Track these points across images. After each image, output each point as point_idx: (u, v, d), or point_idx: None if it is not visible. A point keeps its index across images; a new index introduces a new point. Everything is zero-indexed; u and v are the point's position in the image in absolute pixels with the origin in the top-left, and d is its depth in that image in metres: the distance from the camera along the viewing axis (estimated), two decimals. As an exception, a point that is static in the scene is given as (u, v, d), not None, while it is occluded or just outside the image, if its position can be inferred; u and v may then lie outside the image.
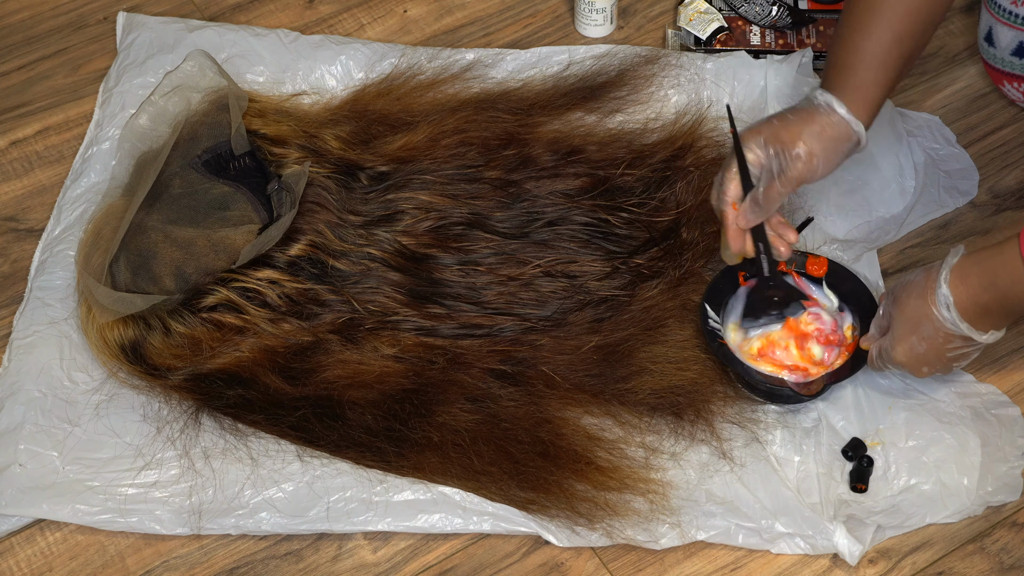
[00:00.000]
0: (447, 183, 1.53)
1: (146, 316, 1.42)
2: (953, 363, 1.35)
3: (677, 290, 1.47)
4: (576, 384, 1.41)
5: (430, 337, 1.45)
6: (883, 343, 1.36)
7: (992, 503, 1.36)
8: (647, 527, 1.33)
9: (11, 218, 1.61)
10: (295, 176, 1.48)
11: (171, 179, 1.47)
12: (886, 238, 1.55)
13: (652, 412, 1.40)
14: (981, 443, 1.38)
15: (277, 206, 1.47)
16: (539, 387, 1.41)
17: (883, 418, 1.41)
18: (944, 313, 1.30)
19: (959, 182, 1.60)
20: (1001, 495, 1.36)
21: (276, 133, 1.53)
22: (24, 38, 1.78)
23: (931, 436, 1.39)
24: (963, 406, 1.41)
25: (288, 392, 1.41)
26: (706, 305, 1.42)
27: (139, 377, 1.43)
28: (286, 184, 1.48)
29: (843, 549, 1.32)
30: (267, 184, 1.48)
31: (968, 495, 1.35)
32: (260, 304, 1.43)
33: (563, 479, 1.35)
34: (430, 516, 1.35)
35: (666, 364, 1.42)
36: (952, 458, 1.37)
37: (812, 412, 1.41)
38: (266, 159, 1.51)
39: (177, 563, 1.35)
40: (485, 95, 1.63)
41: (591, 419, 1.41)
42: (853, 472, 1.37)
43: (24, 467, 1.38)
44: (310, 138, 1.54)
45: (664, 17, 1.77)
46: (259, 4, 1.80)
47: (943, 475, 1.36)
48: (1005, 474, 1.36)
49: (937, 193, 1.58)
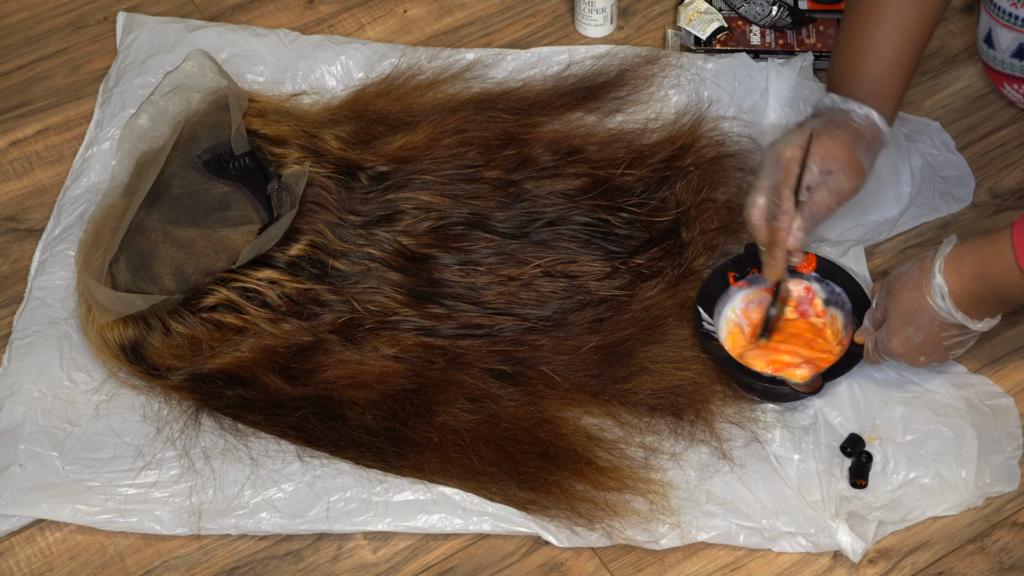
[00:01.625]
0: (447, 183, 1.53)
1: (146, 316, 1.42)
2: (949, 351, 1.35)
3: (676, 289, 1.47)
4: (576, 384, 1.41)
5: (430, 337, 1.45)
6: (879, 335, 1.37)
7: (991, 494, 1.36)
8: (647, 528, 1.33)
9: (11, 218, 1.61)
10: (295, 176, 1.48)
11: (171, 179, 1.47)
12: (876, 238, 1.55)
13: (652, 412, 1.40)
14: (977, 435, 1.38)
15: (277, 206, 1.47)
16: (539, 387, 1.41)
17: (880, 413, 1.41)
18: (939, 303, 1.31)
19: (955, 188, 1.60)
20: (999, 486, 1.36)
21: (276, 133, 1.53)
22: (24, 38, 1.78)
23: (928, 429, 1.40)
24: (958, 398, 1.41)
25: (288, 392, 1.41)
26: (699, 308, 1.43)
27: (139, 377, 1.43)
28: (286, 184, 1.48)
29: (846, 546, 1.32)
30: (267, 184, 1.48)
31: (967, 487, 1.36)
32: (260, 304, 1.43)
33: (563, 479, 1.35)
34: (430, 516, 1.35)
35: (666, 364, 1.42)
36: (949, 451, 1.38)
37: (809, 410, 1.41)
38: (266, 159, 1.51)
39: (177, 563, 1.35)
40: (485, 95, 1.63)
41: (591, 419, 1.41)
42: (852, 468, 1.37)
43: (24, 467, 1.38)
44: (310, 138, 1.54)
45: (664, 17, 1.77)
46: (259, 4, 1.80)
47: (941, 468, 1.37)
48: (1002, 464, 1.37)
49: (932, 198, 1.58)
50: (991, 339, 1.48)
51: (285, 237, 1.45)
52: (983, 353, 1.47)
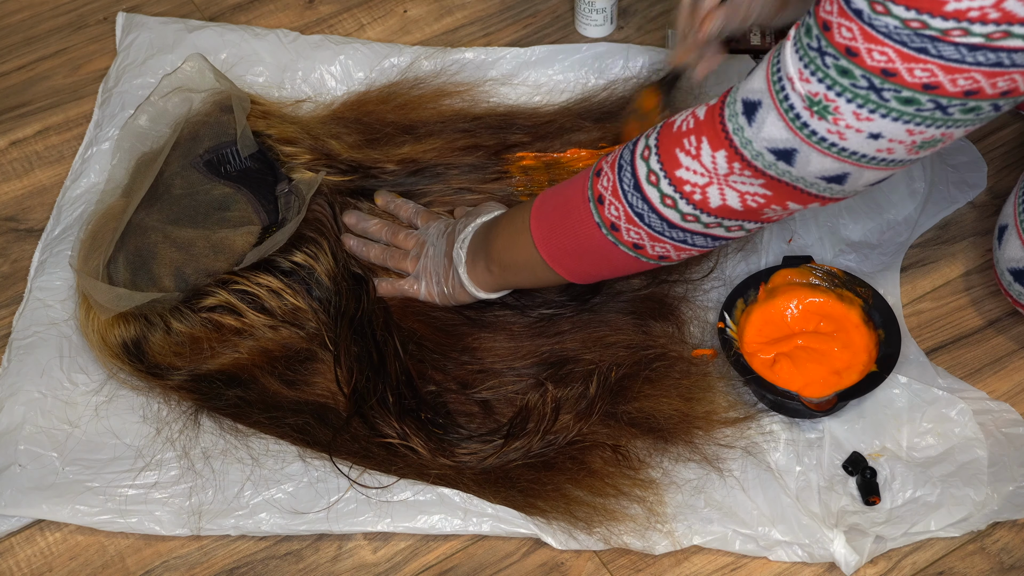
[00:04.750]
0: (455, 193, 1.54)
1: (147, 314, 1.42)
2: None
3: None
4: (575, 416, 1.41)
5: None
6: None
7: (998, 520, 1.35)
8: (645, 532, 1.33)
9: (11, 218, 1.61)
10: (307, 183, 1.47)
11: (173, 179, 1.47)
12: (899, 240, 1.54)
13: (650, 433, 1.39)
14: (989, 461, 1.37)
15: (284, 208, 1.47)
16: None
17: (889, 431, 1.39)
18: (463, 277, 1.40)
19: (967, 175, 1.59)
20: (1006, 513, 1.34)
21: (281, 134, 1.53)
22: (24, 38, 1.78)
23: (938, 451, 1.38)
24: (973, 422, 1.39)
25: (287, 395, 1.41)
26: (724, 313, 1.42)
27: (139, 378, 1.43)
28: (296, 188, 1.47)
29: (840, 559, 1.31)
30: (276, 185, 1.48)
31: (972, 511, 1.34)
32: (259, 310, 1.42)
33: (560, 484, 1.35)
34: (430, 516, 1.35)
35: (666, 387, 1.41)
36: (958, 473, 1.36)
37: (818, 424, 1.40)
38: (277, 159, 1.50)
39: (177, 563, 1.35)
40: (489, 113, 1.63)
41: (588, 427, 1.39)
42: (861, 487, 1.35)
43: (24, 467, 1.38)
44: (316, 139, 1.54)
45: (664, 17, 1.77)
46: (259, 4, 1.80)
47: (949, 489, 1.35)
48: (1012, 493, 1.35)
49: (946, 189, 1.58)
50: (991, 339, 1.48)
51: (289, 243, 1.44)
52: (983, 353, 1.47)
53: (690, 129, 1.20)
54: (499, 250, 1.36)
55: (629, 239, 1.26)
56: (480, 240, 1.39)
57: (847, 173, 1.15)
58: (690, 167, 1.20)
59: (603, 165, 1.27)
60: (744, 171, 1.18)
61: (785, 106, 1.13)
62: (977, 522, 1.34)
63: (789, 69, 1.12)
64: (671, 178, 1.21)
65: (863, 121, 1.10)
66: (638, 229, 1.25)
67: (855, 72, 1.08)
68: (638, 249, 1.27)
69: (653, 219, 1.23)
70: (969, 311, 1.51)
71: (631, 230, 1.25)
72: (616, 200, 1.25)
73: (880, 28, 1.05)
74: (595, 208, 1.26)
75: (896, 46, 1.05)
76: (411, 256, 1.46)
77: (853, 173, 1.15)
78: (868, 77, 1.07)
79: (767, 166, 1.16)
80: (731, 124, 1.17)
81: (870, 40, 1.06)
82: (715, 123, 1.18)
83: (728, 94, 1.19)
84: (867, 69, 1.07)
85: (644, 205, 1.23)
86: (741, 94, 1.17)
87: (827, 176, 1.15)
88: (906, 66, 1.05)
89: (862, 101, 1.09)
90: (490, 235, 1.38)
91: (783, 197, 1.19)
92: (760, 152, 1.16)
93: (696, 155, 1.19)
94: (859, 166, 1.14)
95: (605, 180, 1.26)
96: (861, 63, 1.07)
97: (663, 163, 1.21)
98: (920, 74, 1.05)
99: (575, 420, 1.37)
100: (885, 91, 1.07)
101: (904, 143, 1.11)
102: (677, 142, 1.21)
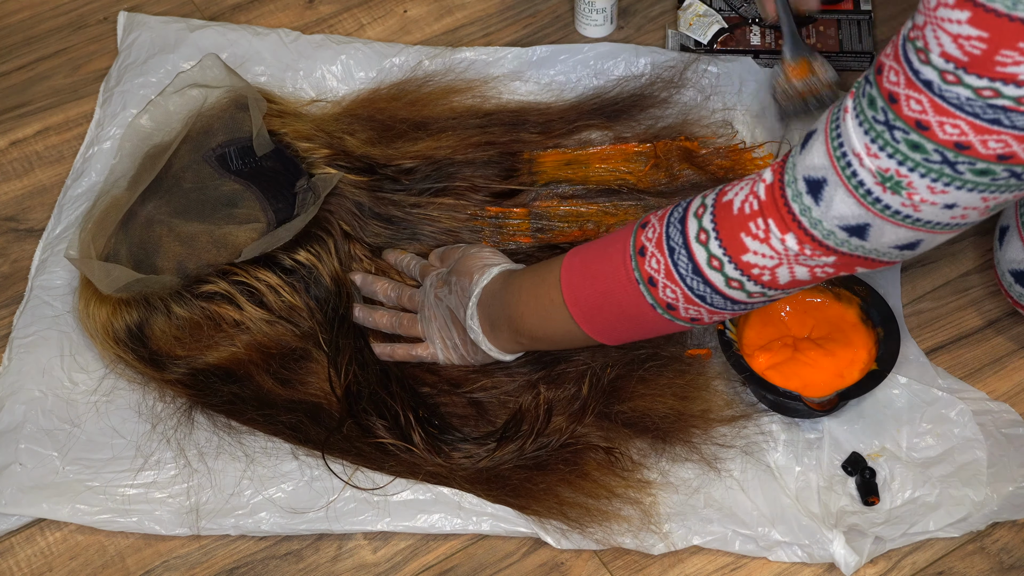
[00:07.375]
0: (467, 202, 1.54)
1: (149, 298, 1.42)
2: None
3: None
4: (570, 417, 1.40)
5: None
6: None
7: (997, 521, 1.35)
8: (639, 533, 1.33)
9: (11, 218, 1.61)
10: (325, 180, 1.47)
11: (183, 171, 1.47)
12: None
13: (646, 433, 1.39)
14: (988, 462, 1.37)
15: (299, 205, 1.46)
16: None
17: (889, 432, 1.39)
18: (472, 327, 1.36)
19: None
20: (1006, 514, 1.34)
21: (296, 132, 1.53)
22: (24, 38, 1.78)
23: (938, 451, 1.38)
24: (973, 422, 1.39)
25: (280, 394, 1.41)
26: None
27: (139, 368, 1.42)
28: (314, 185, 1.47)
29: (839, 559, 1.31)
30: (296, 181, 1.47)
31: (974, 511, 1.34)
32: (257, 303, 1.43)
33: (552, 485, 1.34)
34: (430, 516, 1.35)
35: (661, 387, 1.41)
36: (957, 474, 1.36)
37: (817, 424, 1.40)
38: (296, 155, 1.50)
39: (177, 563, 1.35)
40: (501, 109, 1.62)
41: (582, 428, 1.39)
42: (860, 488, 1.36)
43: (24, 467, 1.38)
44: (331, 136, 1.54)
45: (664, 17, 1.77)
46: (259, 4, 1.80)
47: (948, 489, 1.35)
48: (1012, 495, 1.35)
49: None
50: (991, 339, 1.48)
51: (295, 240, 1.44)
52: (984, 354, 1.47)
53: (754, 212, 1.16)
54: (531, 327, 1.32)
55: (687, 315, 1.23)
56: (497, 309, 1.34)
57: (920, 240, 1.12)
58: (758, 251, 1.16)
59: (644, 243, 1.23)
60: (816, 250, 1.14)
61: (854, 183, 1.09)
62: (976, 522, 1.34)
63: (855, 144, 1.08)
64: (737, 263, 1.17)
65: (938, 194, 1.06)
66: (698, 308, 1.22)
67: (927, 147, 1.04)
68: (694, 321, 1.25)
69: (716, 299, 1.20)
70: (969, 311, 1.51)
71: (690, 308, 1.22)
72: (672, 283, 1.21)
73: (951, 100, 1.02)
74: (647, 291, 1.22)
75: (969, 118, 1.02)
76: (419, 319, 1.43)
77: (926, 239, 1.12)
78: (941, 151, 1.04)
79: (839, 244, 1.13)
80: (796, 205, 1.13)
81: (941, 113, 1.03)
82: (779, 204, 1.14)
83: (784, 170, 1.15)
84: (939, 143, 1.04)
85: (707, 288, 1.20)
86: (800, 171, 1.13)
87: (900, 245, 1.13)
88: (980, 138, 1.02)
89: (936, 175, 1.05)
90: (510, 306, 1.33)
91: (852, 265, 1.16)
92: (832, 231, 1.12)
93: (764, 239, 1.15)
94: (933, 232, 1.11)
95: (654, 262, 1.21)
96: (933, 137, 1.04)
97: (726, 248, 1.17)
98: (994, 145, 1.02)
99: (568, 422, 1.36)
100: (959, 164, 1.04)
101: (978, 208, 1.08)
102: (742, 226, 1.16)
